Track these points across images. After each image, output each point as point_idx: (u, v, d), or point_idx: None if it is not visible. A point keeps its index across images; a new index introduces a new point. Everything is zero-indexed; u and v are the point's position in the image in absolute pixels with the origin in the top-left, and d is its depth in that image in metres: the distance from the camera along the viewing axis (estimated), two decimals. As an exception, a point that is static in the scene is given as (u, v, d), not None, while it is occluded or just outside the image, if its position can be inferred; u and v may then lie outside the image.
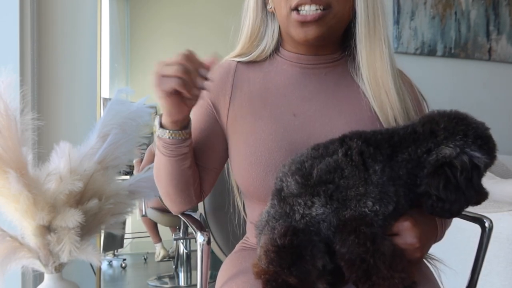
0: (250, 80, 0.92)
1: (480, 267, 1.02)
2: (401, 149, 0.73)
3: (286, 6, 0.83)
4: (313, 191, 0.72)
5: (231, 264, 0.91)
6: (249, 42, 0.93)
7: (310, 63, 0.91)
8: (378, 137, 0.74)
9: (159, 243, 2.10)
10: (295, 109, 0.88)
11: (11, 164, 1.09)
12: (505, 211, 1.53)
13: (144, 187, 1.32)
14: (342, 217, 0.70)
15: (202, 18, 2.18)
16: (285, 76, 0.91)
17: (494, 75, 2.79)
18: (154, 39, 2.17)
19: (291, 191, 0.73)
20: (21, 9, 1.67)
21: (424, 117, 0.76)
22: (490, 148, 0.73)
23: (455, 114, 0.75)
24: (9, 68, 1.11)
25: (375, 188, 0.70)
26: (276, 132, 0.85)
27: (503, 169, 2.36)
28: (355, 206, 0.70)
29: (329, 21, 0.83)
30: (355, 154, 0.71)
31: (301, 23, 0.82)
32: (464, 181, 0.69)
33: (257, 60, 0.93)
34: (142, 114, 1.33)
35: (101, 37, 1.85)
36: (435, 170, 0.70)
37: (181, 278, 2.09)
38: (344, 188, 0.70)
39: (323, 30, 0.83)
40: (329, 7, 0.81)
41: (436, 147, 0.71)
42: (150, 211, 2.04)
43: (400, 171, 0.72)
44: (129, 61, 2.13)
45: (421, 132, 0.73)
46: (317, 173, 0.72)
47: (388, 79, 0.85)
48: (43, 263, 1.18)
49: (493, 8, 2.76)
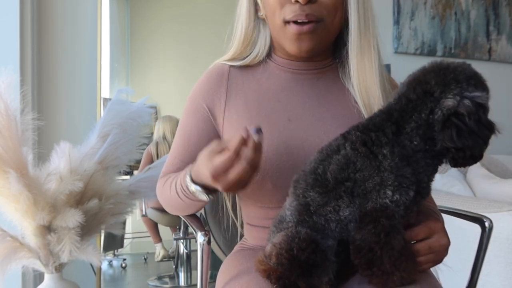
0: (244, 85, 0.93)
1: (480, 267, 1.02)
2: (405, 120, 0.72)
3: (279, 18, 0.84)
4: (336, 194, 0.72)
5: (231, 265, 0.91)
6: (242, 47, 0.94)
7: (301, 69, 0.93)
8: (377, 120, 0.74)
9: (159, 243, 2.10)
10: (290, 114, 0.89)
11: (11, 164, 1.09)
12: (505, 211, 1.53)
13: (144, 187, 1.32)
14: (363, 209, 0.71)
15: (202, 18, 2.19)
16: (279, 81, 0.93)
17: (494, 75, 2.78)
18: (154, 39, 2.17)
19: (318, 203, 0.73)
20: (21, 9, 1.67)
21: (411, 82, 0.75)
22: (483, 82, 0.73)
23: (438, 66, 0.75)
24: (9, 68, 1.11)
25: (390, 174, 0.70)
26: (272, 136, 0.86)
27: (503, 169, 2.36)
28: (376, 198, 0.70)
29: (321, 34, 0.85)
30: (359, 146, 0.72)
31: (297, 35, 0.84)
32: (474, 123, 0.69)
33: (250, 64, 0.94)
34: (142, 114, 1.33)
35: (101, 37, 1.85)
36: (444, 124, 0.70)
37: (181, 278, 2.09)
38: (361, 181, 0.71)
39: (316, 43, 0.86)
40: (322, 20, 0.84)
41: (437, 104, 0.71)
42: (150, 211, 2.04)
43: (414, 140, 0.71)
44: (129, 61, 2.14)
45: (415, 98, 0.72)
46: (332, 175, 0.73)
47: (377, 86, 0.87)
48: (43, 263, 1.18)
49: (493, 8, 2.76)
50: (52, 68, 1.80)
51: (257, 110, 0.90)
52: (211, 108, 0.93)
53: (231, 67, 0.95)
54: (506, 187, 1.88)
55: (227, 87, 0.93)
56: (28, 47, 1.69)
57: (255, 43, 0.94)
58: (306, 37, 0.84)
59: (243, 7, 0.93)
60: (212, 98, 0.93)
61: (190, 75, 2.15)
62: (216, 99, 0.92)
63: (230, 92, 0.92)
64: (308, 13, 0.82)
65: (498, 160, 2.40)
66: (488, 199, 1.72)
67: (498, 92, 3.12)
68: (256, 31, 0.93)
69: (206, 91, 0.93)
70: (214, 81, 0.94)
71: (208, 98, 0.93)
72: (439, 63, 0.76)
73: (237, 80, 0.93)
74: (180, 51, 2.20)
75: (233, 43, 0.95)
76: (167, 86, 2.18)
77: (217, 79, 0.94)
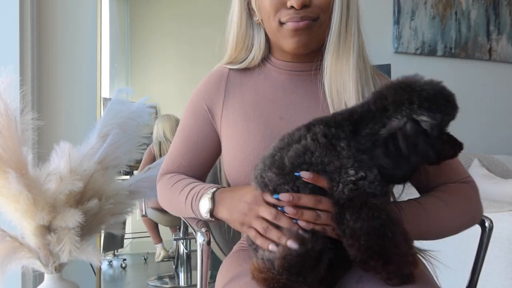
0: (242, 86, 0.97)
1: (480, 267, 1.01)
2: (362, 125, 0.75)
3: (275, 20, 0.87)
4: (293, 176, 0.74)
5: (231, 265, 0.92)
6: (236, 52, 0.98)
7: (296, 70, 0.96)
8: (338, 118, 0.77)
9: (160, 243, 2.10)
10: (282, 113, 0.93)
11: (11, 164, 1.09)
12: (505, 211, 1.53)
13: (144, 187, 1.32)
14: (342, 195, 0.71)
15: (202, 17, 2.18)
16: (274, 82, 0.96)
17: (495, 75, 2.79)
18: (154, 38, 2.17)
19: (276, 182, 0.75)
20: (21, 9, 1.67)
21: (375, 93, 0.77)
22: (442, 104, 0.72)
23: (400, 83, 0.75)
24: (9, 68, 1.11)
25: (348, 159, 0.72)
26: (264, 134, 0.91)
27: (503, 169, 2.36)
28: (339, 177, 0.72)
29: (316, 30, 0.87)
30: (320, 137, 0.74)
31: (294, 32, 0.85)
32: (406, 148, 0.70)
33: (248, 67, 0.98)
34: (142, 114, 1.33)
35: (101, 37, 1.85)
36: (381, 142, 0.72)
37: (181, 278, 2.09)
38: (319, 163, 0.73)
39: (312, 38, 0.88)
40: (317, 18, 0.86)
41: (388, 121, 0.73)
42: (150, 211, 2.04)
43: (367, 143, 0.73)
44: (129, 61, 2.13)
45: (374, 109, 0.74)
46: (289, 160, 0.74)
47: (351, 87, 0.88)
48: (43, 263, 1.18)
49: (493, 8, 2.76)
50: (52, 68, 1.80)
51: (253, 110, 0.93)
52: (210, 108, 0.97)
53: (231, 70, 0.99)
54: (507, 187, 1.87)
55: (226, 88, 0.97)
56: (28, 47, 1.69)
57: (250, 47, 0.97)
58: (303, 32, 0.86)
59: (234, 14, 0.96)
60: (211, 99, 0.97)
61: (190, 75, 2.15)
62: (215, 100, 0.97)
63: (228, 92, 0.96)
64: (303, 15, 0.84)
65: (498, 160, 2.40)
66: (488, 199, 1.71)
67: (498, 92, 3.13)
68: (249, 36, 0.96)
69: (206, 92, 0.98)
70: (214, 83, 0.98)
71: (208, 98, 0.97)
72: (405, 79, 0.76)
73: (235, 81, 0.97)
74: (180, 51, 2.20)
75: (227, 49, 0.99)
76: (167, 86, 2.18)
77: (216, 81, 0.98)
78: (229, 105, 0.95)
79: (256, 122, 0.92)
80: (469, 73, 2.71)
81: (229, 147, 0.94)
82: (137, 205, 1.38)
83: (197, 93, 0.99)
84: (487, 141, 2.68)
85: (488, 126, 2.73)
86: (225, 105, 0.96)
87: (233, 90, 0.97)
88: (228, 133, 0.94)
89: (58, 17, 1.81)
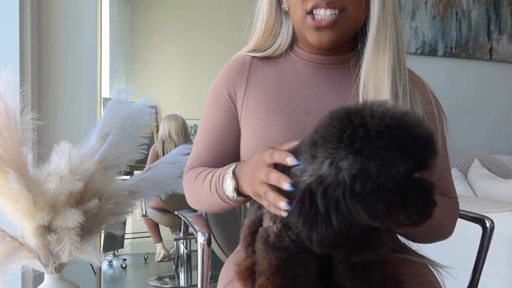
0: (265, 75, 0.93)
1: (481, 267, 1.01)
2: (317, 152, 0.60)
3: (301, 9, 0.83)
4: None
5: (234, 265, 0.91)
6: (263, 39, 0.94)
7: (323, 63, 0.92)
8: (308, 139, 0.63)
9: (160, 243, 2.10)
10: (308, 106, 0.88)
11: (11, 164, 1.08)
12: (506, 211, 1.53)
13: (144, 187, 1.32)
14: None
15: (202, 19, 2.18)
16: (299, 73, 0.92)
17: (495, 75, 2.79)
18: (154, 38, 2.17)
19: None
20: (21, 9, 1.67)
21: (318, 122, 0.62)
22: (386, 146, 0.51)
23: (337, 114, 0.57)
24: (9, 68, 1.11)
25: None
26: (288, 127, 0.86)
27: (504, 169, 2.36)
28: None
29: (343, 25, 0.82)
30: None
31: (316, 28, 0.82)
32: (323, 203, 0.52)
33: (271, 56, 0.94)
34: (142, 114, 1.33)
35: (101, 37, 1.84)
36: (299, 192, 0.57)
37: (182, 278, 2.09)
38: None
39: (338, 34, 0.83)
40: (344, 9, 0.81)
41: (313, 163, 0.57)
42: (150, 211, 2.04)
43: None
44: (129, 61, 2.13)
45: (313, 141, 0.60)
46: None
47: (387, 82, 0.83)
48: (43, 263, 1.18)
49: (494, 8, 2.76)
50: (52, 68, 1.80)
51: (276, 101, 0.89)
52: (231, 96, 0.93)
53: (253, 57, 0.95)
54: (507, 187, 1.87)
55: (248, 77, 0.93)
56: (28, 47, 1.69)
57: (277, 34, 0.94)
58: (327, 29, 0.82)
59: (264, 0, 0.92)
60: (233, 87, 0.93)
61: (190, 75, 2.14)
62: (237, 88, 0.93)
63: (250, 81, 0.93)
64: (329, 1, 0.79)
65: (499, 160, 2.40)
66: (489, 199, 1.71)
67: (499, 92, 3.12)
68: (278, 22, 0.93)
69: (227, 80, 0.93)
70: (236, 70, 0.94)
71: (229, 86, 0.93)
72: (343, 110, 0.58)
73: (258, 70, 0.94)
74: (180, 51, 2.20)
75: (253, 34, 0.95)
76: (167, 86, 2.18)
77: (238, 69, 0.94)
78: (250, 94, 0.91)
79: (280, 114, 0.87)
80: (470, 73, 2.71)
81: (249, 139, 0.90)
82: (137, 205, 1.37)
83: (218, 82, 0.95)
84: (488, 141, 2.67)
85: (488, 126, 2.73)
86: (246, 94, 0.92)
87: (255, 79, 0.92)
88: (249, 123, 0.90)
89: (58, 17, 1.81)
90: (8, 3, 1.65)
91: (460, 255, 1.37)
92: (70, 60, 1.83)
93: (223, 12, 2.11)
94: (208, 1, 2.23)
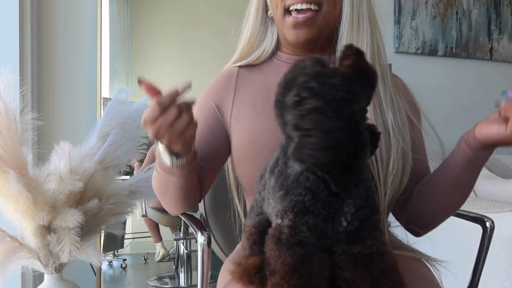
0: (252, 82, 0.96)
1: (482, 267, 1.01)
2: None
3: (281, 8, 0.88)
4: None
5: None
6: (248, 45, 0.98)
7: None
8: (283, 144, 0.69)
9: (159, 242, 2.09)
10: None
11: (11, 164, 1.08)
12: (507, 211, 1.53)
13: (144, 187, 1.32)
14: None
15: (202, 20, 2.18)
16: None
17: (496, 75, 2.78)
18: (154, 38, 2.17)
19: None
20: (21, 9, 1.67)
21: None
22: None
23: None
24: (9, 68, 1.11)
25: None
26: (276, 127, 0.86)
27: (504, 169, 2.35)
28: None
29: (319, 23, 0.87)
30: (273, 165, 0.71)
31: (293, 26, 0.87)
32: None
33: (256, 63, 0.97)
34: (142, 114, 1.32)
35: (101, 37, 1.84)
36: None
37: (182, 279, 2.09)
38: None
39: (314, 32, 0.88)
40: (320, 7, 0.86)
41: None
42: (150, 211, 2.04)
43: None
44: (129, 61, 2.13)
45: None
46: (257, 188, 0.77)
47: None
48: (43, 264, 1.18)
49: (494, 8, 2.76)
50: (52, 68, 1.80)
51: (263, 103, 0.92)
52: (219, 105, 0.95)
53: (240, 68, 0.98)
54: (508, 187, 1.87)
55: (235, 86, 0.96)
56: (27, 47, 1.69)
57: (262, 40, 0.97)
58: (304, 26, 0.86)
59: (253, 6, 0.97)
60: (220, 97, 0.96)
61: (190, 75, 2.14)
62: (224, 97, 0.96)
63: (238, 90, 0.96)
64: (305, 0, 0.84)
65: (499, 160, 2.39)
66: (489, 199, 1.71)
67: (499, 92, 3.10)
68: (263, 27, 0.97)
69: (215, 90, 0.97)
70: (223, 81, 0.97)
71: (217, 96, 0.96)
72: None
73: (245, 79, 0.97)
74: (180, 51, 2.20)
75: (239, 44, 0.99)
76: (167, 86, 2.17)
77: (226, 80, 0.97)
78: (239, 101, 0.94)
79: (268, 115, 0.89)
80: (470, 73, 2.71)
81: (240, 142, 0.92)
82: (137, 205, 1.37)
83: (205, 93, 0.98)
84: (488, 141, 2.66)
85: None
86: (235, 102, 0.95)
87: (243, 87, 0.96)
88: (239, 128, 0.93)
89: (58, 17, 1.81)
90: (8, 3, 1.65)
91: (460, 255, 1.37)
92: (70, 60, 1.83)
93: (223, 13, 2.11)
94: (208, 1, 2.23)
